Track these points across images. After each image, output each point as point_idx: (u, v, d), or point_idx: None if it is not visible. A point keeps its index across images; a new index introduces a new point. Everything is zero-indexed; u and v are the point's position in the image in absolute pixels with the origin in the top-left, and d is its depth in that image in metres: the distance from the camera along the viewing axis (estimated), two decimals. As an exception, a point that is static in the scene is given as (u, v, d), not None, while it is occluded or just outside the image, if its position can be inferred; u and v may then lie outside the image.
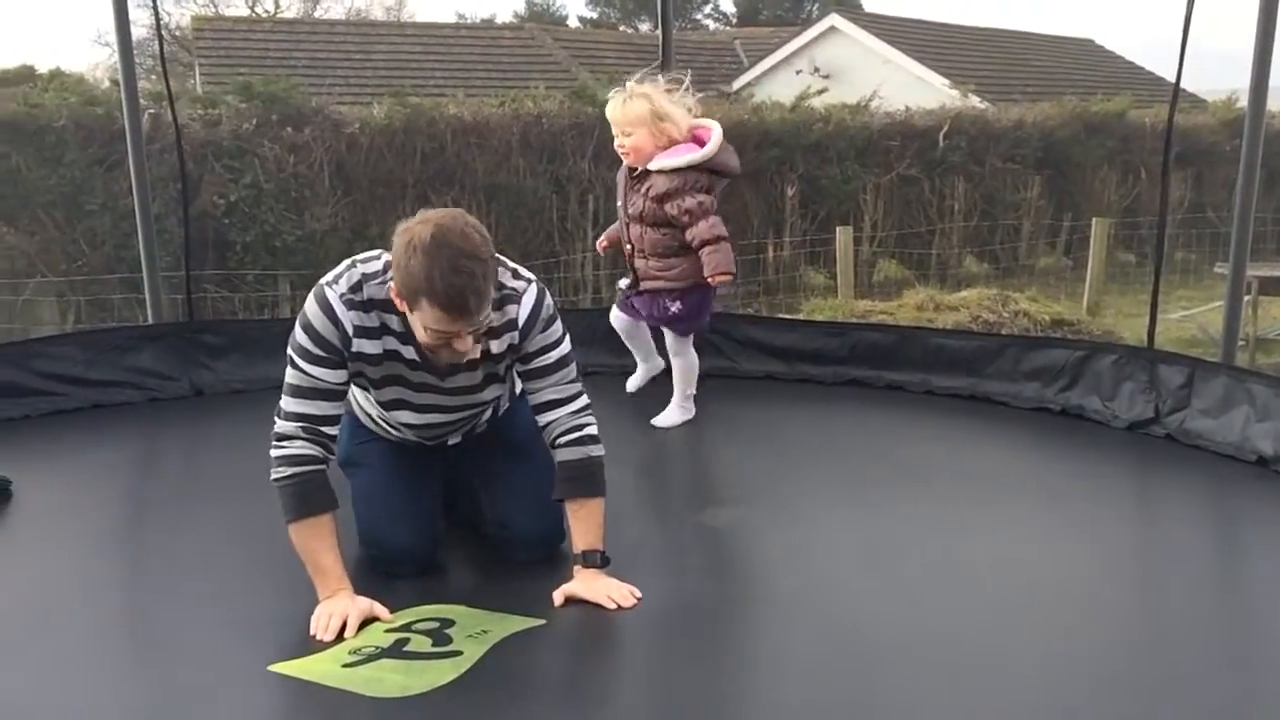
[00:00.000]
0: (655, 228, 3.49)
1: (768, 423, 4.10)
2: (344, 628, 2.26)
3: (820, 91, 11.41)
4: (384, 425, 2.64)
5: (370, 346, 2.37)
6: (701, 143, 3.45)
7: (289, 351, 2.37)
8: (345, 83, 12.73)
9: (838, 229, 9.47)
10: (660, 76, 3.50)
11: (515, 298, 2.42)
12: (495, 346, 2.44)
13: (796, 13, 30.01)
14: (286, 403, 2.36)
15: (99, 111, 7.61)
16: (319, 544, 2.32)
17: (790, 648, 2.28)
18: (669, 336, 3.85)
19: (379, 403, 2.53)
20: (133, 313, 7.06)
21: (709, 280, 3.49)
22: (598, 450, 2.49)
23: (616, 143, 3.41)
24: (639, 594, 2.43)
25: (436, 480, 2.73)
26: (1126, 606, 2.53)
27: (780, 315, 7.87)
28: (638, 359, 4.13)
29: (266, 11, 27.92)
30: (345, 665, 2.13)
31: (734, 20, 32.26)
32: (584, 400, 2.51)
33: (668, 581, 2.57)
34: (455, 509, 2.80)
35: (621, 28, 31.16)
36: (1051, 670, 2.17)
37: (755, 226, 9.87)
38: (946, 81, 14.88)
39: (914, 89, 13.93)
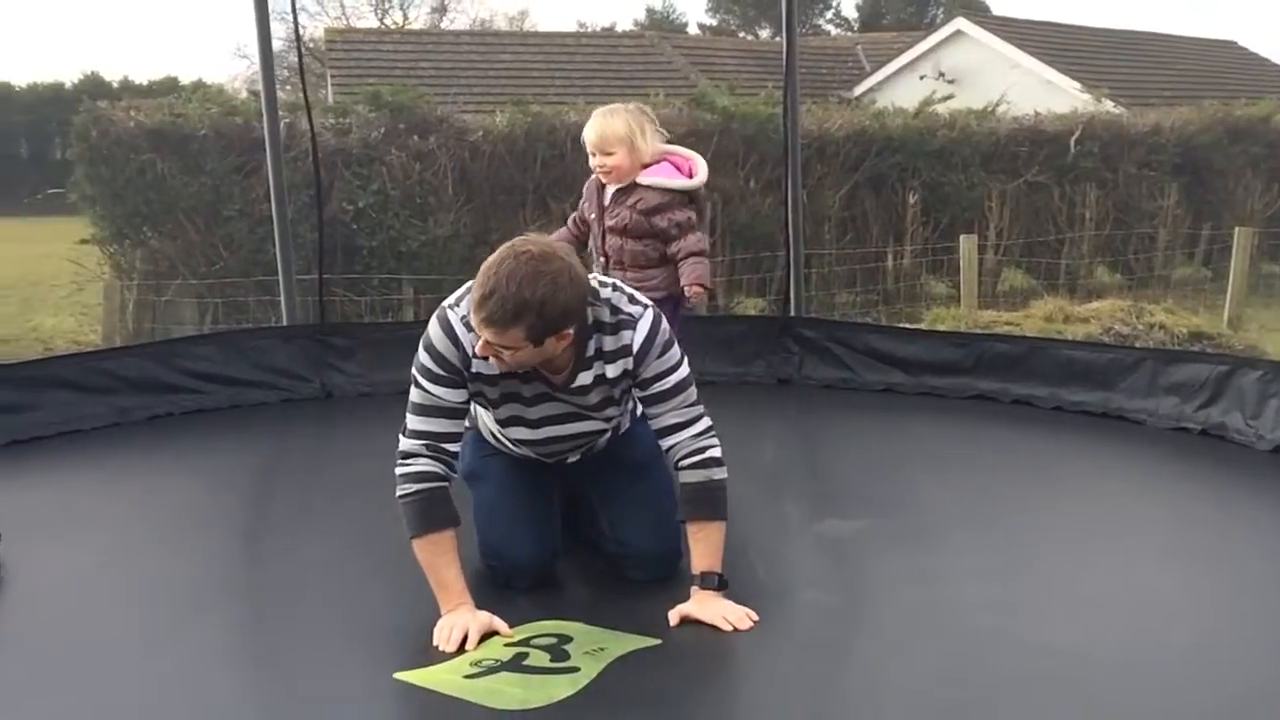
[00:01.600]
0: (638, 239, 3.56)
1: (889, 435, 4.03)
2: (465, 640, 2.29)
3: (946, 98, 11.16)
4: (504, 442, 2.68)
5: (488, 367, 2.40)
6: (686, 172, 3.55)
7: (413, 371, 2.43)
8: (469, 91, 12.99)
9: (961, 237, 9.24)
10: (631, 104, 3.60)
11: (630, 323, 2.43)
12: (611, 371, 2.45)
13: (920, 17, 29.48)
14: (410, 421, 2.41)
15: (238, 121, 7.94)
16: (442, 559, 2.37)
17: (911, 670, 2.22)
18: None
19: (497, 420, 2.58)
20: (266, 314, 7.33)
21: (685, 289, 3.53)
22: (720, 473, 2.47)
23: (595, 162, 3.51)
24: (755, 617, 2.40)
25: (556, 495, 2.75)
26: (1267, 643, 2.39)
27: (901, 325, 7.71)
28: None
29: (395, 23, 28.77)
30: (466, 676, 2.17)
31: (856, 25, 31.86)
32: (706, 423, 2.49)
33: (785, 595, 2.54)
34: (574, 525, 2.81)
35: (741, 34, 31.10)
36: (1182, 703, 2.07)
37: (875, 234, 9.71)
38: (1078, 85, 14.39)
39: (1044, 93, 13.51)
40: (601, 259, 3.64)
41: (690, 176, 3.52)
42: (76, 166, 8.05)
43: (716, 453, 2.47)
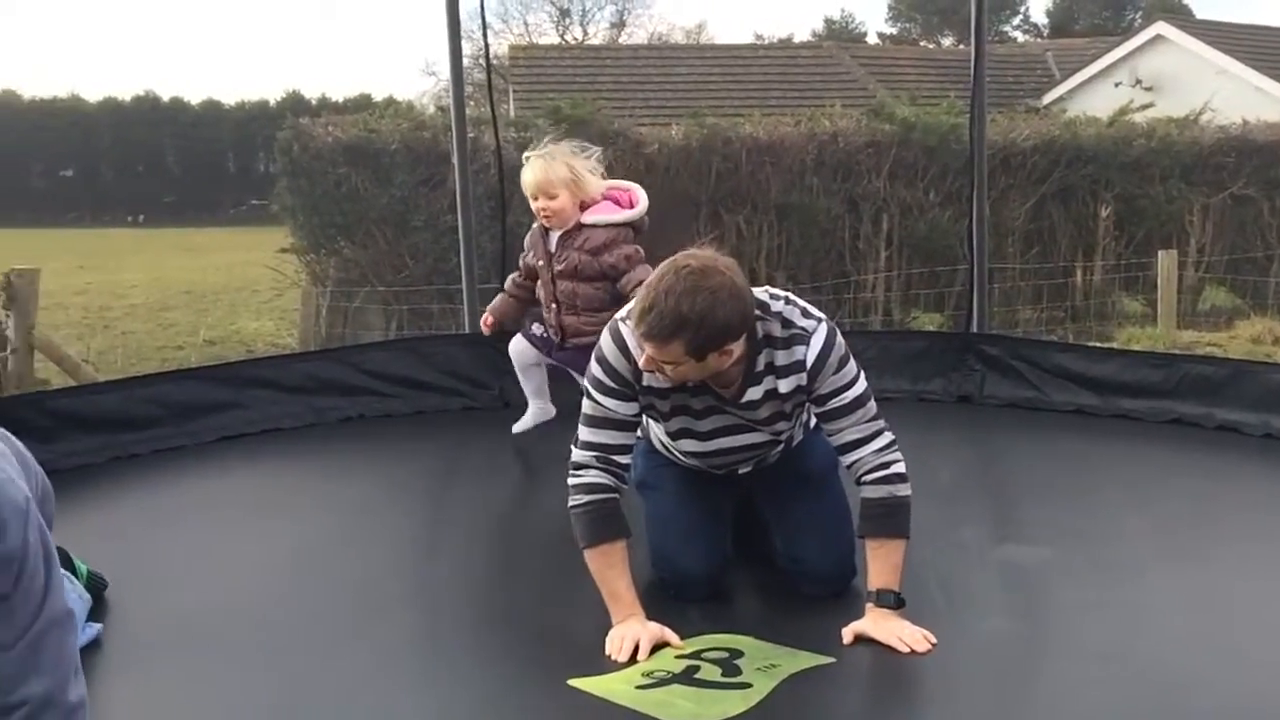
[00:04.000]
0: (589, 282, 3.50)
1: (1078, 458, 3.83)
2: (636, 650, 2.29)
3: (1145, 106, 10.59)
4: (674, 454, 2.68)
5: (659, 380, 2.40)
6: (627, 203, 3.51)
7: (585, 383, 2.46)
8: (646, 105, 13.15)
9: (1159, 253, 8.74)
10: (565, 142, 3.60)
11: (804, 338, 2.39)
12: (783, 386, 2.41)
13: (1116, 22, 28.15)
14: (582, 432, 2.44)
15: (425, 136, 8.26)
16: (612, 570, 2.38)
17: (1097, 705, 2.09)
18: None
19: (667, 432, 2.58)
20: (448, 322, 7.59)
21: None
22: (904, 490, 2.40)
23: (538, 205, 3.48)
24: (933, 639, 2.32)
25: (728, 507, 2.73)
26: None
27: (1092, 344, 7.35)
28: (529, 397, 3.93)
29: (575, 39, 29.46)
30: (638, 687, 2.17)
31: (1045, 31, 30.71)
32: (888, 437, 2.43)
33: (965, 622, 2.44)
34: (747, 538, 2.79)
35: (922, 43, 30.43)
36: None
37: (1063, 248, 9.30)
38: (1292, 91, 13.44)
39: (1253, 101, 12.65)
40: (552, 305, 3.58)
41: (631, 207, 3.49)
42: (279, 179, 8.55)
43: (901, 468, 2.41)
